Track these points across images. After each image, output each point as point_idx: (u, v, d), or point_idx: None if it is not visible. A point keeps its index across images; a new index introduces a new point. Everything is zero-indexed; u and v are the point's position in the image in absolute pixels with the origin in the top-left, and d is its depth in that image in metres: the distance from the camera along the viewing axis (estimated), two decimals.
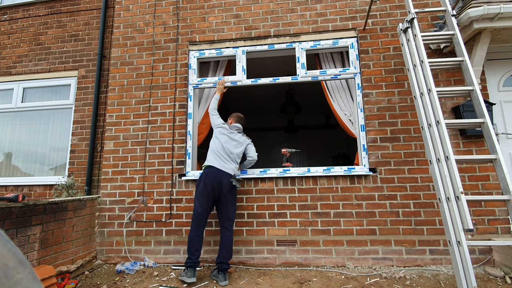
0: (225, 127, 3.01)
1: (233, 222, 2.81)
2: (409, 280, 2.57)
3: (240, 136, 3.02)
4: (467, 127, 2.77)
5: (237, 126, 3.07)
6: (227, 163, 2.83)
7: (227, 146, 2.88)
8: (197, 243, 2.65)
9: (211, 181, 2.71)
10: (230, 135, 2.96)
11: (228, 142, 2.91)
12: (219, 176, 2.73)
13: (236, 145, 2.94)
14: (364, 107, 3.23)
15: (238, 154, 2.93)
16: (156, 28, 3.73)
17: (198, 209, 2.70)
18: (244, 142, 3.02)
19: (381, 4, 3.36)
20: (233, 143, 2.93)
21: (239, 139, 2.98)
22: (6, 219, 2.32)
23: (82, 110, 4.07)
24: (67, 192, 3.44)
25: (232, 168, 2.84)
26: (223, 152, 2.85)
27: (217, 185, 2.71)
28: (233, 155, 2.87)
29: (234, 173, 2.81)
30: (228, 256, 2.67)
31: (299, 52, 3.45)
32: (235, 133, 2.99)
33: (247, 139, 3.07)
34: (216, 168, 2.77)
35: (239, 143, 2.97)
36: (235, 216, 2.84)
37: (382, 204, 3.01)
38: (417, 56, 2.49)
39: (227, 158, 2.84)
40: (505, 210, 2.84)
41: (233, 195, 2.81)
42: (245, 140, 3.04)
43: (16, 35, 4.48)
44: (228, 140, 2.92)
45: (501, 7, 2.59)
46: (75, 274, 2.90)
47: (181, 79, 3.56)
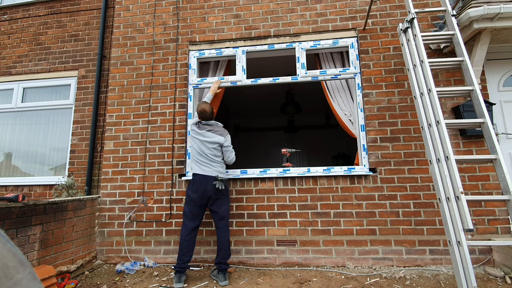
0: (194, 128, 2.84)
1: (227, 220, 2.76)
2: (409, 280, 2.57)
3: (210, 134, 2.79)
4: (467, 127, 2.76)
5: (206, 123, 2.85)
6: (207, 166, 2.73)
7: (202, 148, 2.76)
8: (185, 248, 2.62)
9: (196, 191, 2.68)
10: (199, 137, 2.79)
11: (201, 143, 2.77)
12: (203, 183, 2.67)
13: (210, 146, 2.75)
14: (364, 107, 3.23)
15: (215, 154, 2.77)
16: (156, 28, 3.73)
17: (188, 215, 2.70)
18: (217, 140, 2.77)
19: (381, 4, 3.36)
20: (207, 144, 2.76)
21: (209, 138, 2.77)
22: (6, 219, 2.32)
23: (82, 110, 4.07)
24: (67, 192, 3.44)
25: (215, 169, 2.73)
26: (200, 156, 2.75)
27: (203, 193, 2.66)
28: (210, 156, 2.74)
29: (218, 175, 2.70)
30: (226, 255, 2.66)
31: (299, 52, 3.45)
32: (204, 132, 2.79)
33: (218, 135, 2.78)
34: (200, 175, 2.71)
35: (211, 142, 2.76)
36: (229, 215, 2.80)
37: (382, 204, 3.01)
38: (417, 56, 2.49)
39: (205, 161, 2.74)
40: (505, 210, 2.84)
41: (223, 195, 2.75)
42: (217, 138, 2.78)
43: (16, 35, 4.48)
44: (200, 142, 2.78)
45: (501, 7, 2.59)
46: (75, 274, 2.90)
47: (181, 79, 3.57)
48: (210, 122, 2.86)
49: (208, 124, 2.84)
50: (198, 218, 2.73)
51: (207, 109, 2.82)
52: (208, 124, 2.84)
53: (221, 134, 2.81)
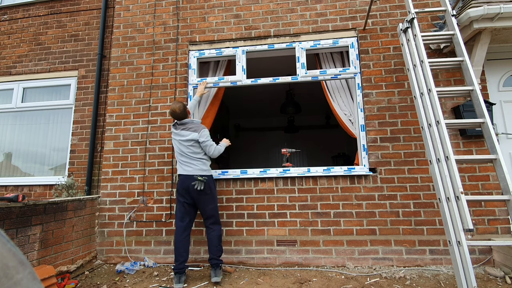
0: (172, 129, 2.86)
1: (216, 218, 2.74)
2: (409, 280, 2.57)
3: (185, 132, 2.77)
4: (467, 127, 2.77)
5: (180, 123, 2.83)
6: (188, 165, 2.72)
7: (181, 148, 2.76)
8: (180, 247, 2.63)
9: (180, 190, 2.72)
10: (176, 137, 2.81)
11: (180, 143, 2.77)
12: (185, 182, 2.68)
13: (186, 144, 2.74)
14: (364, 107, 3.23)
15: (194, 151, 2.73)
16: (156, 28, 3.73)
17: (177, 214, 2.75)
18: (192, 137, 2.73)
19: (381, 4, 3.36)
20: (183, 143, 2.75)
21: (185, 137, 2.75)
22: (6, 219, 2.32)
23: (82, 110, 4.07)
24: (67, 192, 3.44)
25: (196, 168, 2.70)
26: (180, 156, 2.76)
27: (186, 192, 2.68)
28: (189, 154, 2.73)
29: (198, 174, 2.67)
30: (217, 251, 2.66)
31: (299, 52, 3.45)
32: (180, 131, 2.79)
33: (192, 132, 2.75)
34: (182, 175, 2.71)
35: (187, 140, 2.74)
36: (216, 213, 2.75)
37: (382, 204, 3.01)
38: (417, 56, 2.49)
39: (186, 160, 2.73)
40: (505, 210, 2.84)
41: (207, 194, 2.69)
42: (192, 135, 2.74)
43: (16, 35, 4.48)
44: (178, 142, 2.79)
45: (501, 7, 2.59)
46: (75, 274, 2.90)
47: (181, 79, 3.57)
48: (184, 121, 2.82)
49: (182, 123, 2.82)
50: (188, 217, 2.73)
51: (177, 109, 2.76)
52: (183, 123, 2.82)
53: (195, 130, 2.76)
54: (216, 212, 2.77)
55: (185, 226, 2.71)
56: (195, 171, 2.69)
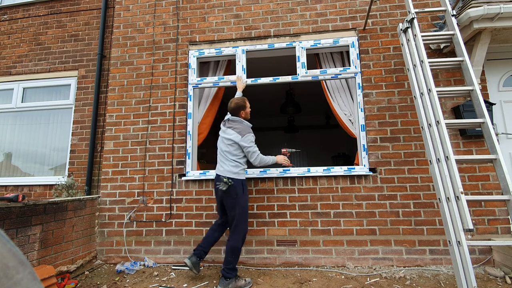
0: (221, 126, 2.84)
1: (235, 227, 2.53)
2: (409, 280, 2.57)
3: (229, 131, 2.69)
4: (467, 127, 2.76)
5: (230, 119, 2.78)
6: (220, 164, 2.69)
7: (220, 145, 2.75)
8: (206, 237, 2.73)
9: (214, 185, 2.73)
10: (222, 134, 2.79)
11: (221, 140, 2.76)
12: (215, 181, 2.70)
13: (227, 143, 2.68)
14: (364, 107, 3.23)
15: (230, 151, 2.64)
16: (156, 28, 3.73)
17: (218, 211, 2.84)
18: (234, 138, 2.63)
19: (381, 4, 3.36)
20: (224, 141, 2.72)
21: (227, 135, 2.69)
22: (6, 219, 2.32)
23: (82, 110, 4.07)
24: (67, 192, 3.44)
25: (225, 169, 2.62)
26: (219, 155, 2.75)
27: (215, 191, 2.72)
28: (225, 154, 2.67)
29: (226, 175, 2.58)
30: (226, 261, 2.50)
31: (299, 51, 3.45)
32: (226, 128, 2.76)
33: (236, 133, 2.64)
34: (216, 174, 2.71)
35: (228, 139, 2.67)
36: (237, 222, 2.53)
37: (382, 204, 3.01)
38: (417, 56, 2.49)
39: (220, 159, 2.71)
40: (505, 210, 2.84)
41: (232, 198, 2.54)
42: (234, 135, 2.63)
43: (16, 35, 4.48)
44: (220, 139, 2.78)
45: (501, 7, 2.59)
46: (75, 274, 2.90)
47: (181, 79, 3.56)
48: (233, 118, 2.78)
49: (231, 120, 2.78)
50: (221, 218, 2.76)
51: (232, 102, 2.77)
52: (231, 121, 2.78)
53: (239, 132, 2.63)
54: (239, 221, 2.53)
55: (220, 222, 2.76)
56: (224, 171, 2.62)
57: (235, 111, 2.76)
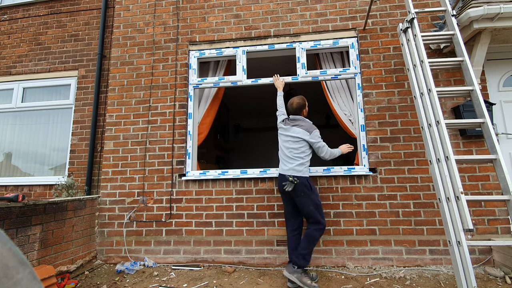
0: (281, 125, 2.83)
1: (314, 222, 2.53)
2: (409, 280, 2.57)
3: (296, 129, 2.69)
4: (467, 127, 2.76)
5: (292, 118, 2.79)
6: (285, 163, 2.66)
7: (284, 144, 2.72)
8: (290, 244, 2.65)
9: (279, 186, 2.69)
10: (284, 132, 2.76)
11: (285, 140, 2.73)
12: (280, 181, 2.64)
13: (294, 141, 2.66)
14: (364, 107, 3.23)
15: (297, 149, 2.63)
16: (156, 28, 3.73)
17: (284, 211, 2.78)
18: (303, 136, 2.63)
19: (381, 4, 3.36)
20: (290, 139, 2.68)
21: (294, 133, 2.68)
22: (6, 219, 2.32)
23: (82, 110, 4.07)
24: (67, 192, 3.44)
25: (291, 167, 2.59)
26: (282, 154, 2.72)
27: (282, 192, 2.67)
28: (290, 152, 2.64)
29: (291, 174, 2.56)
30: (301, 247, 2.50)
31: (299, 52, 3.45)
32: (289, 127, 2.73)
33: (303, 130, 2.65)
34: (280, 174, 2.68)
35: (296, 137, 2.65)
36: (314, 216, 2.53)
37: (382, 204, 3.01)
38: (417, 56, 2.49)
39: (285, 158, 2.68)
40: (505, 210, 2.84)
41: (300, 196, 2.53)
42: (303, 133, 2.64)
43: (16, 35, 4.48)
44: (284, 137, 2.74)
45: (501, 7, 2.59)
46: (75, 274, 2.90)
47: (181, 79, 3.57)
48: (296, 117, 2.78)
49: (294, 119, 2.78)
50: (292, 216, 2.69)
51: (294, 102, 2.76)
52: (294, 120, 2.77)
53: (306, 129, 2.66)
54: (316, 215, 2.54)
55: (292, 224, 2.69)
56: (289, 170, 2.60)
57: (298, 111, 2.79)
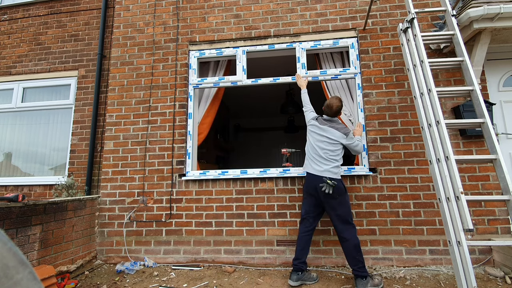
0: (315, 123, 2.75)
1: (348, 224, 2.47)
2: (409, 280, 2.57)
3: (333, 131, 2.61)
4: (467, 127, 2.76)
5: (328, 119, 2.72)
6: (319, 164, 2.57)
7: (319, 144, 2.63)
8: (299, 244, 2.58)
9: (308, 187, 2.61)
10: (319, 131, 2.67)
11: (319, 139, 2.64)
12: (313, 181, 2.55)
13: (330, 142, 2.59)
14: (364, 107, 3.23)
15: (333, 151, 2.57)
16: (156, 28, 3.73)
17: (302, 210, 2.68)
18: (340, 138, 2.59)
19: (381, 4, 3.36)
20: (326, 140, 2.61)
21: (332, 135, 2.60)
22: (6, 219, 2.32)
23: (82, 110, 4.07)
24: (67, 192, 3.44)
25: (326, 168, 2.53)
26: (313, 152, 2.65)
27: (314, 191, 2.55)
28: (326, 153, 2.57)
29: (329, 176, 2.49)
30: (356, 262, 2.43)
31: (299, 52, 3.45)
32: (327, 127, 2.65)
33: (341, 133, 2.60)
34: (311, 174, 2.60)
35: (333, 139, 2.59)
36: (348, 219, 2.48)
37: (382, 204, 3.01)
38: (417, 56, 2.49)
39: (318, 158, 2.59)
40: (505, 210, 2.84)
41: (335, 198, 2.47)
42: (340, 135, 2.59)
43: (16, 35, 4.48)
44: (317, 136, 2.66)
45: (501, 7, 2.59)
46: (75, 274, 2.90)
47: (181, 79, 3.56)
48: (332, 118, 2.73)
49: (331, 120, 2.72)
50: (312, 217, 2.61)
51: (334, 105, 2.64)
52: (331, 120, 2.72)
53: (344, 132, 2.61)
54: (346, 218, 2.48)
55: (308, 224, 2.61)
56: (326, 172, 2.52)
57: (336, 114, 2.71)
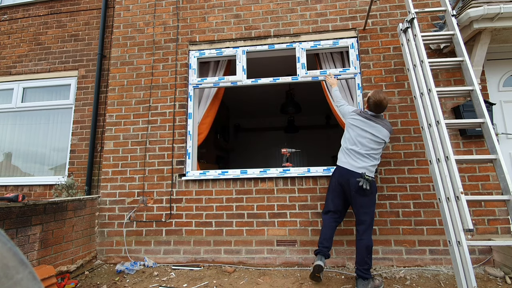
0: (357, 117, 2.56)
1: (367, 226, 2.41)
2: (409, 280, 2.57)
3: (382, 128, 2.47)
4: (467, 127, 2.76)
5: (376, 115, 2.54)
6: (358, 160, 2.44)
7: (359, 139, 2.48)
8: (324, 232, 2.48)
9: (338, 178, 2.50)
10: (363, 126, 2.49)
11: (362, 134, 2.48)
12: (347, 175, 2.44)
13: (376, 140, 2.46)
14: (364, 107, 3.23)
15: (374, 148, 2.45)
16: (156, 28, 3.73)
17: (328, 205, 2.57)
18: (385, 136, 2.47)
19: (381, 4, 3.36)
20: (369, 136, 2.46)
21: (380, 131, 2.45)
22: (6, 219, 2.32)
23: (82, 110, 4.07)
24: (67, 192, 3.44)
25: (365, 166, 2.43)
26: (353, 148, 2.49)
27: (345, 183, 2.45)
28: (368, 151, 2.44)
29: (364, 172, 2.40)
30: (363, 262, 2.37)
31: (299, 52, 3.45)
32: (373, 123, 2.48)
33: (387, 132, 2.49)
34: (345, 169, 2.48)
35: (380, 138, 2.45)
36: (370, 221, 2.42)
37: (382, 204, 3.01)
38: (417, 56, 2.49)
39: (358, 156, 2.46)
40: (505, 210, 2.84)
41: (366, 196, 2.40)
42: (386, 133, 2.47)
43: (16, 35, 4.47)
44: (361, 131, 2.49)
45: (501, 7, 2.59)
46: (75, 274, 2.90)
47: (181, 79, 3.56)
48: (379, 115, 2.56)
49: (378, 117, 2.55)
50: (339, 210, 2.54)
51: (384, 101, 2.45)
52: (378, 118, 2.54)
53: (389, 130, 2.50)
54: (370, 219, 2.43)
55: (337, 216, 2.54)
56: (362, 169, 2.42)
57: (384, 110, 2.54)
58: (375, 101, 2.47)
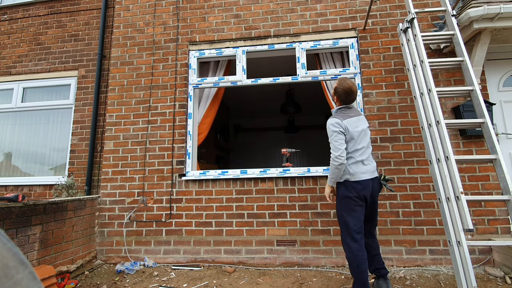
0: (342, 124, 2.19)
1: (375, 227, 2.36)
2: (409, 280, 2.57)
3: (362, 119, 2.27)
4: (467, 127, 2.76)
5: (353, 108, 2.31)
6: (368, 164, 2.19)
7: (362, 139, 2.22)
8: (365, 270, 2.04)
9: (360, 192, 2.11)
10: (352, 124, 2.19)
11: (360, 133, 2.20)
12: (370, 185, 2.14)
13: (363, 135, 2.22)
14: (364, 107, 3.23)
15: (369, 144, 2.26)
16: (156, 28, 3.73)
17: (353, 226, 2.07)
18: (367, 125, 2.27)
19: (381, 4, 3.36)
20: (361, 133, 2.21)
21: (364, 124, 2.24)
22: (6, 219, 2.32)
23: (82, 110, 4.07)
24: (67, 192, 3.44)
25: (375, 166, 2.25)
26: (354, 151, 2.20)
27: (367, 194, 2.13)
28: (369, 149, 2.25)
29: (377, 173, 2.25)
30: (381, 259, 2.29)
31: (299, 52, 3.45)
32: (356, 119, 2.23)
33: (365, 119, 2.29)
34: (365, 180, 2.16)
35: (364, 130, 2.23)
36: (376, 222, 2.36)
37: (382, 204, 3.00)
38: (417, 56, 2.49)
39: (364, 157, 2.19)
40: (505, 210, 2.84)
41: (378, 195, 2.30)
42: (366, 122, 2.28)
43: (16, 35, 4.47)
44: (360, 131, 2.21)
45: (501, 7, 2.59)
46: (75, 274, 2.90)
47: (181, 79, 3.56)
48: (351, 105, 2.27)
49: (350, 107, 2.26)
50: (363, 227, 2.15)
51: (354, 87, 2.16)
52: (351, 108, 2.26)
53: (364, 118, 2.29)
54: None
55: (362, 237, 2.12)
56: (375, 172, 2.20)
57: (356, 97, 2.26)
58: (345, 89, 2.18)
